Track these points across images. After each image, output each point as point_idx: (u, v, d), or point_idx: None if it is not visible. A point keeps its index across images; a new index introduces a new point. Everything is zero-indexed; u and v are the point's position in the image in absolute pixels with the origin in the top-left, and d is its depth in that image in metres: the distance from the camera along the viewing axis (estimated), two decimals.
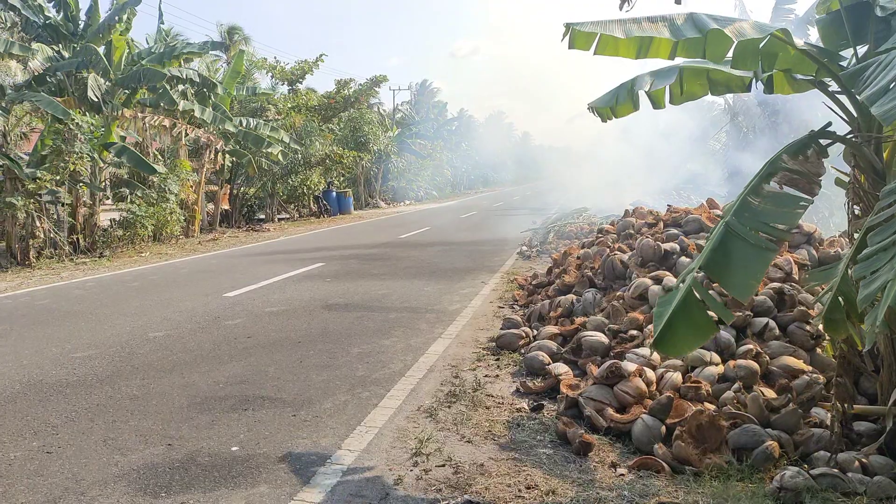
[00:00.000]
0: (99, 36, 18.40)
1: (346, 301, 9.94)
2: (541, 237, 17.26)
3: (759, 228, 3.88)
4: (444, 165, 52.38)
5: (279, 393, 5.72)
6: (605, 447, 4.61)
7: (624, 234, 8.63)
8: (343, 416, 5.18)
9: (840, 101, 4.70)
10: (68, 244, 15.88)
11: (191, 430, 4.89)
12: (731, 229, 3.90)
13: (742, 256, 3.80)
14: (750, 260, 3.78)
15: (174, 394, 5.70)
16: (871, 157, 4.52)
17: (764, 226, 3.90)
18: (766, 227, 3.89)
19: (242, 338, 7.66)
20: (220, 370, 6.39)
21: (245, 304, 9.64)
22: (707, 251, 3.89)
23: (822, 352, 5.63)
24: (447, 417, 5.15)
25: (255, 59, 29.39)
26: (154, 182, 18.39)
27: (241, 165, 24.33)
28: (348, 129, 34.07)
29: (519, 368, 6.45)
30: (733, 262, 3.79)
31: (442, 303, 9.78)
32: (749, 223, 3.91)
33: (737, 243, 3.83)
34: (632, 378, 5.14)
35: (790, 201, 4.04)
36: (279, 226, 25.63)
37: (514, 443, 4.70)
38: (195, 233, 21.16)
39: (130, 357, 6.89)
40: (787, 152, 4.33)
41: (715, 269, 3.80)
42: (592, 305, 7.24)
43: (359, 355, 6.93)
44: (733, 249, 3.83)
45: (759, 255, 3.78)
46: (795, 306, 6.04)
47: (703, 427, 4.52)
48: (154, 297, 10.33)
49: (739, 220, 3.94)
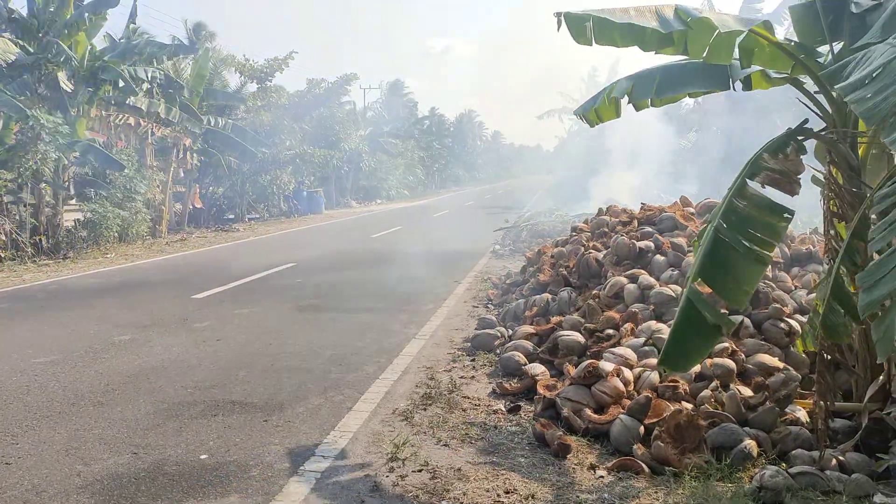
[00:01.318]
0: (65, 33, 17.92)
1: (317, 302, 9.78)
2: (514, 235, 17.23)
3: (748, 237, 3.93)
4: (416, 164, 52.22)
5: (250, 397, 5.56)
6: (583, 449, 4.55)
7: (598, 232, 8.60)
8: (316, 421, 5.04)
9: (815, 98, 4.70)
10: (30, 245, 15.44)
11: (157, 437, 4.72)
12: (720, 236, 3.95)
13: (735, 266, 3.89)
14: (743, 270, 3.87)
15: (140, 400, 5.51)
16: (846, 154, 4.51)
17: (751, 235, 3.94)
18: (754, 237, 3.94)
19: (211, 340, 7.46)
20: (189, 374, 6.21)
21: (214, 306, 9.43)
22: (699, 259, 3.92)
23: (795, 349, 5.64)
24: (423, 420, 5.05)
25: (223, 56, 28.88)
26: (119, 182, 17.97)
27: (209, 165, 23.93)
28: (319, 127, 33.74)
29: (495, 369, 6.37)
30: (727, 270, 3.89)
31: (416, 302, 9.67)
32: (737, 229, 3.96)
33: (729, 253, 3.90)
34: (609, 378, 5.08)
35: (774, 210, 4.06)
36: (249, 226, 25.28)
37: (492, 446, 4.61)
38: (163, 233, 20.77)
39: (94, 362, 6.67)
40: (768, 151, 4.32)
41: (709, 277, 3.86)
42: (568, 304, 7.19)
43: (331, 357, 6.79)
44: (726, 259, 3.89)
45: (752, 265, 3.86)
46: (770, 304, 6.05)
47: (682, 427, 4.47)
48: (119, 300, 10.06)
49: (728, 224, 3.99)
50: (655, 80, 4.66)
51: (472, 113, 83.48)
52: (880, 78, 3.35)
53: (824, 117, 4.70)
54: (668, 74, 4.71)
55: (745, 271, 3.91)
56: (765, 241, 3.98)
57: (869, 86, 3.39)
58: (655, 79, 4.67)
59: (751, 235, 3.97)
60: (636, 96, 4.74)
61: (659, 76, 4.68)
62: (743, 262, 3.91)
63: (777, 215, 4.07)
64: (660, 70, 4.71)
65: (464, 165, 71.68)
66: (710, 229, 4.10)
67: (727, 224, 4.03)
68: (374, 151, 41.67)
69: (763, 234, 4.00)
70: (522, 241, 16.06)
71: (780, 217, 4.07)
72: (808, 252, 7.13)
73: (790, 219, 4.10)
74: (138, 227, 18.37)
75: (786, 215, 4.06)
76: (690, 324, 3.88)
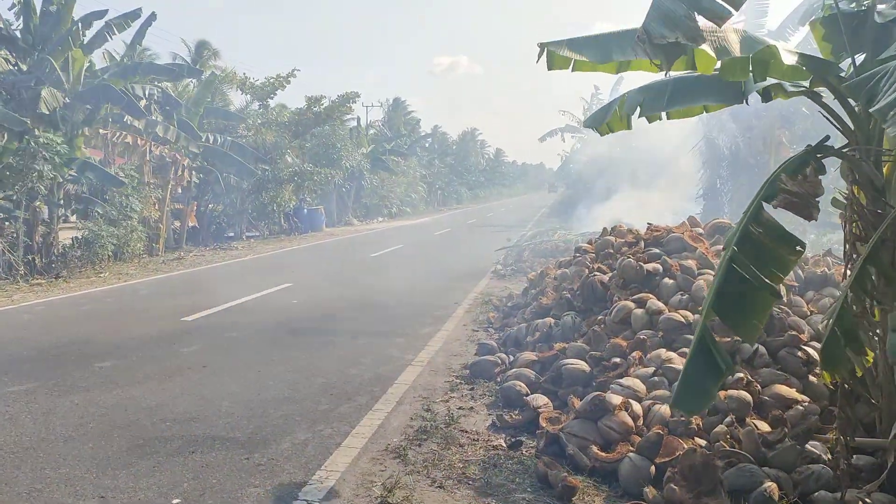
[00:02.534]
0: (59, 49, 17.73)
1: (312, 325, 9.44)
2: (516, 255, 16.91)
3: (760, 268, 3.72)
4: (418, 182, 52.02)
5: (232, 432, 5.21)
6: (589, 490, 4.20)
7: (603, 253, 8.26)
8: (301, 459, 4.69)
9: (835, 112, 4.40)
10: (23, 265, 15.13)
11: (128, 478, 4.36)
12: (735, 266, 3.73)
13: (748, 298, 3.68)
14: (755, 302, 3.67)
15: (114, 434, 5.15)
16: (870, 173, 4.20)
17: (764, 266, 3.73)
18: (765, 269, 3.72)
19: (197, 367, 7.12)
20: (169, 405, 5.86)
21: (204, 330, 9.09)
22: (714, 291, 3.74)
23: (816, 379, 5.28)
24: (417, 458, 4.70)
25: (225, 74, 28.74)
26: (115, 199, 17.70)
27: (208, 182, 23.70)
28: (320, 145, 33.53)
29: (495, 399, 6.02)
30: (741, 303, 3.69)
31: (413, 326, 9.32)
32: (751, 259, 3.75)
33: (742, 285, 3.69)
34: (617, 412, 4.73)
35: (786, 241, 3.84)
36: (248, 244, 24.97)
37: (491, 487, 4.26)
38: (160, 251, 20.46)
39: (71, 390, 6.32)
40: (786, 171, 4.02)
41: (724, 310, 3.68)
42: (572, 330, 6.85)
43: (322, 386, 6.44)
44: (740, 290, 3.69)
45: (764, 298, 3.66)
46: (786, 330, 5.71)
47: (697, 468, 4.12)
48: (106, 323, 9.72)
49: (742, 253, 3.77)
50: (667, 93, 4.38)
51: (474, 131, 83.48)
52: None
53: (845, 133, 4.40)
54: (679, 87, 4.43)
55: (757, 305, 3.70)
56: (774, 274, 3.76)
57: None
58: (667, 91, 4.39)
59: (762, 266, 3.74)
60: (647, 109, 4.47)
61: (671, 89, 4.40)
62: (754, 295, 3.70)
63: (789, 247, 3.85)
64: (671, 82, 4.43)
65: (466, 183, 71.45)
66: (726, 259, 3.84)
67: (742, 252, 3.79)
68: (376, 169, 41.45)
69: (774, 266, 3.78)
70: (524, 261, 15.73)
71: (791, 249, 3.86)
72: (824, 275, 6.79)
73: (801, 252, 3.92)
74: (134, 246, 18.05)
75: (797, 248, 3.85)
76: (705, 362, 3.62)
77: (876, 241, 3.79)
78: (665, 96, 4.40)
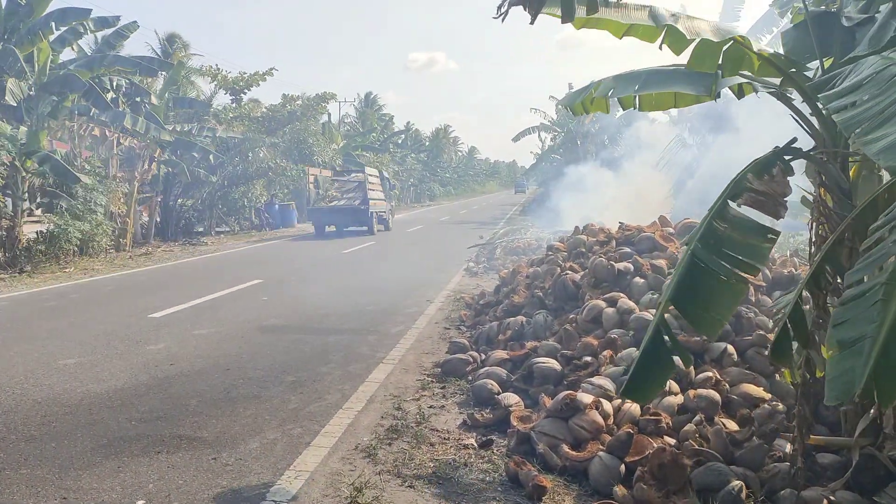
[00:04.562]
0: (27, 40, 17.29)
1: (282, 322, 9.34)
2: (488, 252, 16.92)
3: (727, 260, 3.64)
4: (391, 178, 51.84)
5: (199, 431, 5.12)
6: (560, 490, 4.20)
7: (575, 252, 8.31)
8: (270, 459, 4.62)
9: (803, 114, 4.46)
10: None
11: (91, 479, 4.26)
12: (697, 260, 3.65)
13: (711, 291, 3.58)
14: (719, 296, 3.57)
15: (78, 434, 5.04)
16: (836, 175, 4.27)
17: (731, 258, 3.66)
18: (734, 260, 3.65)
19: (164, 365, 6.99)
20: (135, 404, 5.74)
21: (172, 326, 8.94)
22: (674, 283, 3.61)
23: (781, 378, 5.36)
24: (387, 457, 4.66)
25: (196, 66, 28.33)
26: (79, 193, 17.31)
27: (175, 175, 23.32)
28: (292, 141, 33.24)
29: (466, 397, 6.01)
30: (701, 296, 3.58)
31: (385, 323, 9.27)
32: (715, 252, 3.67)
33: (705, 278, 3.60)
34: (588, 411, 4.74)
35: (757, 231, 3.79)
36: (218, 239, 24.66)
37: (462, 486, 4.24)
38: (127, 246, 20.11)
39: (34, 389, 6.17)
40: (752, 171, 4.05)
41: (682, 303, 3.56)
42: (544, 328, 6.86)
43: (292, 384, 6.37)
44: (702, 284, 3.59)
45: (729, 290, 3.56)
46: (754, 330, 5.79)
47: (666, 466, 4.14)
48: (71, 319, 9.52)
49: (705, 248, 3.70)
50: (640, 79, 4.42)
51: (448, 128, 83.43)
52: (865, 88, 3.11)
53: (813, 136, 4.46)
54: (653, 75, 4.47)
55: (720, 299, 3.61)
56: (747, 264, 3.70)
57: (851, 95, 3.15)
58: (640, 78, 4.43)
59: (731, 258, 3.70)
60: (620, 92, 4.50)
61: (644, 76, 4.44)
62: (718, 288, 3.62)
63: (761, 236, 3.80)
64: (646, 72, 4.47)
65: (439, 180, 71.43)
66: (687, 253, 3.82)
67: (704, 247, 3.75)
68: (348, 164, 41.23)
69: (745, 256, 3.72)
70: (497, 259, 15.74)
71: (763, 238, 3.79)
72: (791, 275, 6.89)
73: (775, 239, 3.83)
74: (100, 241, 17.69)
75: (770, 235, 3.79)
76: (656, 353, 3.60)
77: (833, 241, 3.83)
78: (638, 83, 4.44)
